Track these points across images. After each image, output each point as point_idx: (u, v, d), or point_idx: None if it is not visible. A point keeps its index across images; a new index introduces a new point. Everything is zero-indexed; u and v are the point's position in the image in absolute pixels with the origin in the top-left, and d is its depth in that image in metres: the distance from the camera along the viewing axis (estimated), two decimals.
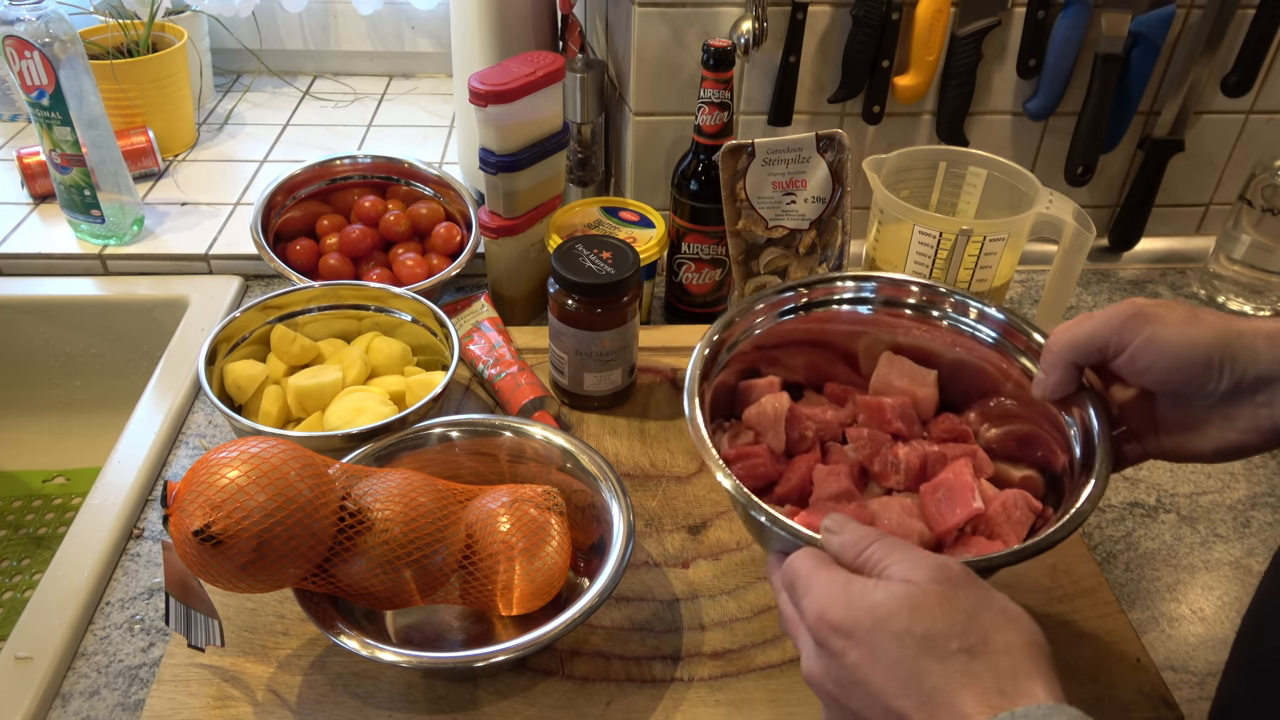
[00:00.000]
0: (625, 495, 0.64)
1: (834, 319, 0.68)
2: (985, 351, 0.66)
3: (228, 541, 0.52)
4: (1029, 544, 0.52)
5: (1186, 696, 0.63)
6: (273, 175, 0.97)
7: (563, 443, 0.68)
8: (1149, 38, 0.92)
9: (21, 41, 0.88)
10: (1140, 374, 0.53)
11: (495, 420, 0.70)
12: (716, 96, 0.83)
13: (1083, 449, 0.58)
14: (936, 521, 0.60)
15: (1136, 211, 1.05)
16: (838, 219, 0.80)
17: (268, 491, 0.53)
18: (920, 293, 0.67)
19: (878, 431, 0.65)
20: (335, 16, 1.35)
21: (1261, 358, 0.49)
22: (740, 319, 0.66)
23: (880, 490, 0.64)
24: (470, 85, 0.81)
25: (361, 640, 0.56)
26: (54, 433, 1.03)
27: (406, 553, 0.57)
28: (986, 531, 0.59)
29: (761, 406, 0.65)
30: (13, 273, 1.00)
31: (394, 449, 0.67)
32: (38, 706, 0.60)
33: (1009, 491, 0.60)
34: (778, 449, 0.65)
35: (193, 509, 0.52)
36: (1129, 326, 0.52)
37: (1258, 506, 0.78)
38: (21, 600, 0.88)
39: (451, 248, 0.96)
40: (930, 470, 0.63)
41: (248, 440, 0.56)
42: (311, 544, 0.55)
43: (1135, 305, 0.52)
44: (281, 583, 0.56)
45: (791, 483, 0.63)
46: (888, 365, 0.69)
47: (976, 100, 0.97)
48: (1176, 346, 0.50)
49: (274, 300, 0.80)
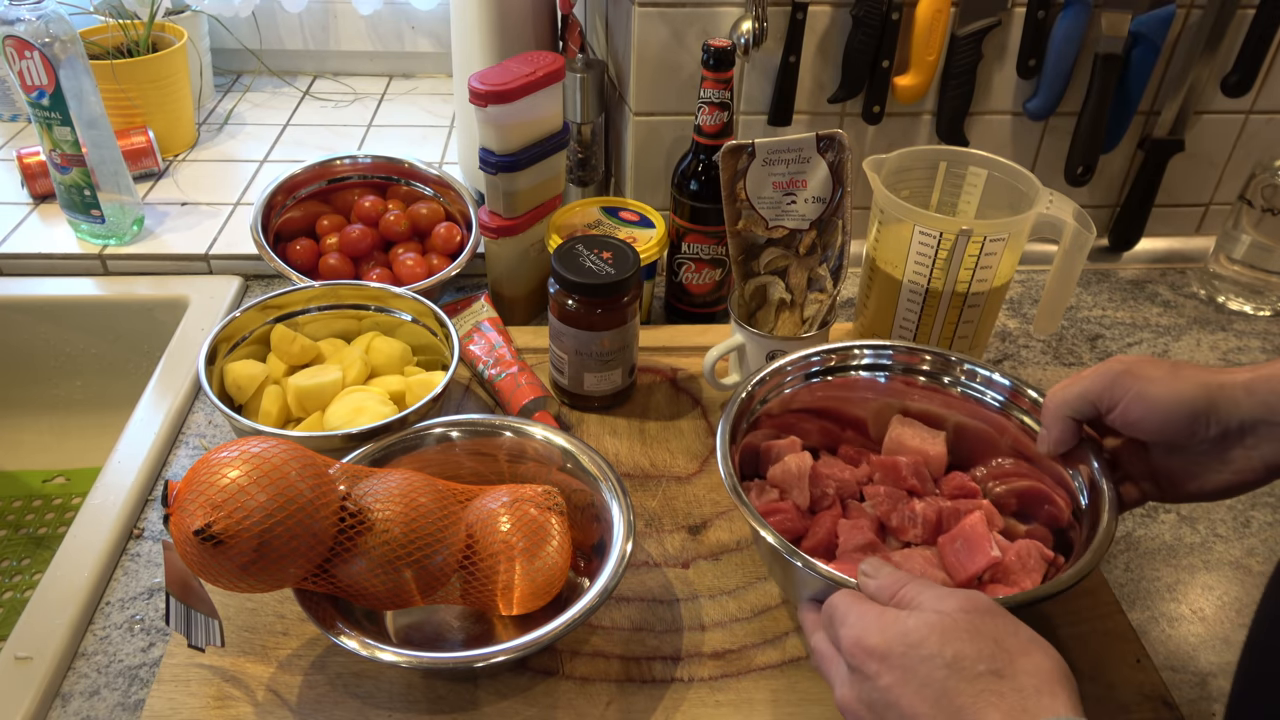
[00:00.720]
0: (625, 495, 0.64)
1: (847, 387, 0.72)
2: (988, 414, 0.69)
3: (228, 541, 0.52)
4: (1060, 579, 0.55)
5: (1186, 696, 0.63)
6: (273, 175, 0.97)
7: (563, 443, 0.68)
8: (1149, 38, 0.92)
9: (21, 41, 0.88)
10: (1132, 427, 0.57)
11: (495, 420, 0.70)
12: (716, 96, 0.83)
13: (1089, 495, 0.61)
14: (957, 571, 0.62)
15: (1136, 211, 1.05)
16: (838, 219, 0.79)
17: (268, 491, 0.53)
18: (931, 360, 0.71)
19: (894, 488, 0.68)
20: (335, 16, 1.35)
21: (1243, 406, 0.53)
22: (757, 389, 0.69)
23: (898, 544, 0.67)
24: (470, 85, 0.81)
25: (361, 640, 0.56)
26: (54, 433, 1.03)
27: (407, 553, 0.57)
28: (1004, 580, 0.62)
29: (786, 465, 0.69)
30: (13, 273, 1.00)
31: (394, 449, 0.67)
32: (38, 706, 0.60)
33: (1022, 541, 0.63)
34: (803, 505, 0.68)
35: (193, 509, 0.52)
36: (1119, 384, 0.56)
37: (1258, 506, 0.78)
38: (21, 600, 0.88)
39: (451, 248, 0.96)
40: (945, 524, 0.66)
41: (248, 440, 0.56)
42: (312, 544, 0.55)
43: (1123, 364, 0.57)
44: (282, 583, 0.56)
45: (819, 536, 0.66)
46: (899, 427, 0.72)
47: (976, 100, 0.97)
48: (1165, 402, 0.54)
49: (274, 300, 0.80)
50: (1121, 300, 1.03)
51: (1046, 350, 0.95)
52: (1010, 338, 0.97)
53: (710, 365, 0.81)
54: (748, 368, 0.82)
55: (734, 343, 0.82)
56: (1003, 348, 0.95)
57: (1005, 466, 0.69)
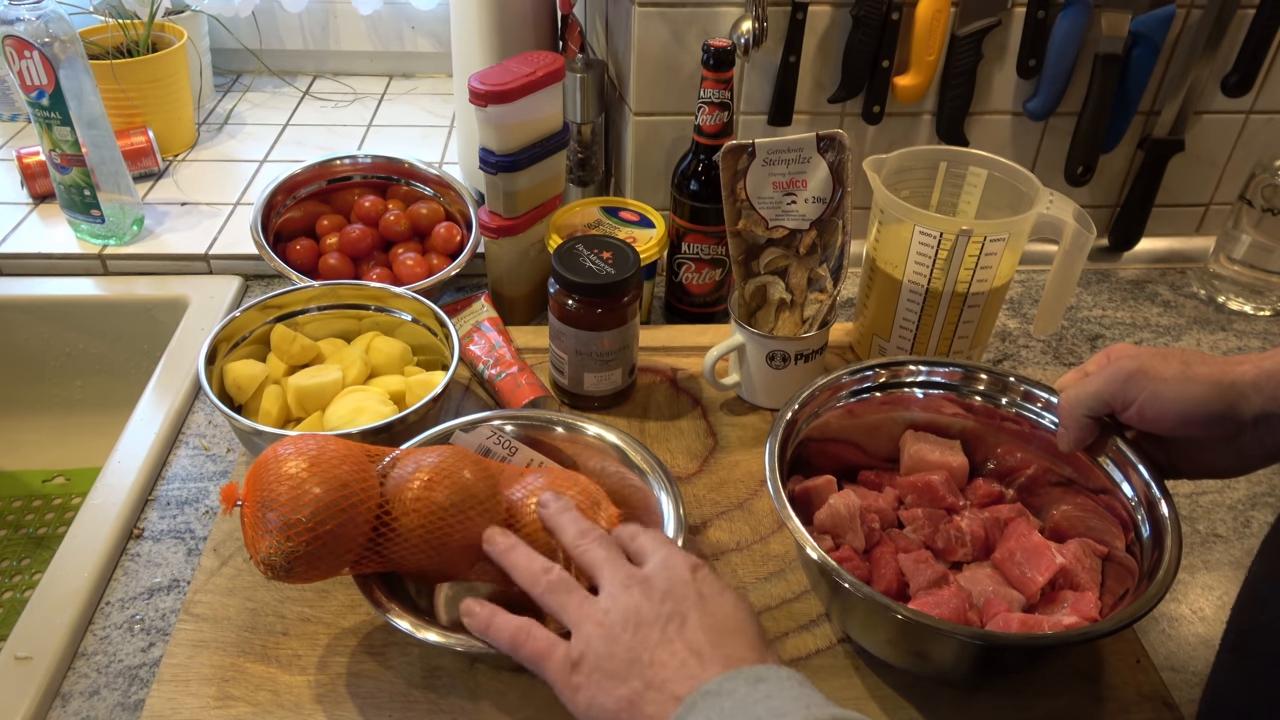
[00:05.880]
0: (675, 490, 0.65)
1: (852, 411, 0.71)
2: (997, 414, 0.69)
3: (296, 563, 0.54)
4: (1149, 595, 0.55)
5: (1186, 696, 0.63)
6: (273, 175, 0.97)
7: (614, 439, 0.69)
8: (1149, 38, 0.92)
9: (21, 41, 0.88)
10: (1149, 424, 0.58)
11: (551, 415, 0.71)
12: (716, 96, 0.83)
13: (1148, 511, 0.61)
14: (1025, 585, 0.62)
15: (1136, 211, 1.05)
16: (838, 219, 0.79)
17: (323, 485, 0.55)
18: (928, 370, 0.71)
19: (931, 509, 0.68)
20: (335, 16, 1.35)
21: (1254, 402, 0.54)
22: (799, 413, 0.67)
23: (945, 564, 0.66)
24: (470, 85, 0.81)
25: (414, 620, 0.56)
26: (54, 433, 1.03)
27: (445, 521, 0.57)
28: (1070, 583, 0.62)
29: (833, 508, 0.66)
30: (13, 273, 1.00)
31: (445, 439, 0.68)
32: (38, 706, 0.60)
33: (1072, 542, 0.63)
34: (859, 548, 0.66)
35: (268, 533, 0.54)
36: (1133, 384, 0.58)
37: (1258, 506, 0.78)
38: (21, 600, 0.88)
39: (451, 248, 0.96)
40: (990, 536, 0.66)
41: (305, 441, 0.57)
42: (355, 536, 0.56)
43: (1134, 360, 0.58)
44: (335, 572, 0.57)
45: (887, 579, 0.64)
46: (915, 443, 0.71)
47: (976, 100, 0.97)
48: (1178, 403, 0.56)
49: (274, 300, 0.80)
50: (1121, 300, 1.03)
51: (1046, 350, 0.95)
52: (1010, 338, 0.97)
53: (710, 365, 0.81)
54: (748, 368, 0.82)
55: (734, 343, 0.82)
56: (1003, 348, 0.95)
57: (1010, 460, 0.69)
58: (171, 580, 0.69)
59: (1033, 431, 0.68)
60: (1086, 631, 0.54)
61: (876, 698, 0.62)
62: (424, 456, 0.59)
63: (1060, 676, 0.63)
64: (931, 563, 0.64)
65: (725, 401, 0.85)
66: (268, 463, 0.56)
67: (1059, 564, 0.61)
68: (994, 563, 0.65)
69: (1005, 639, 0.56)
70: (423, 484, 0.57)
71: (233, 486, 0.55)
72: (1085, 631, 0.55)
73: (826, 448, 0.70)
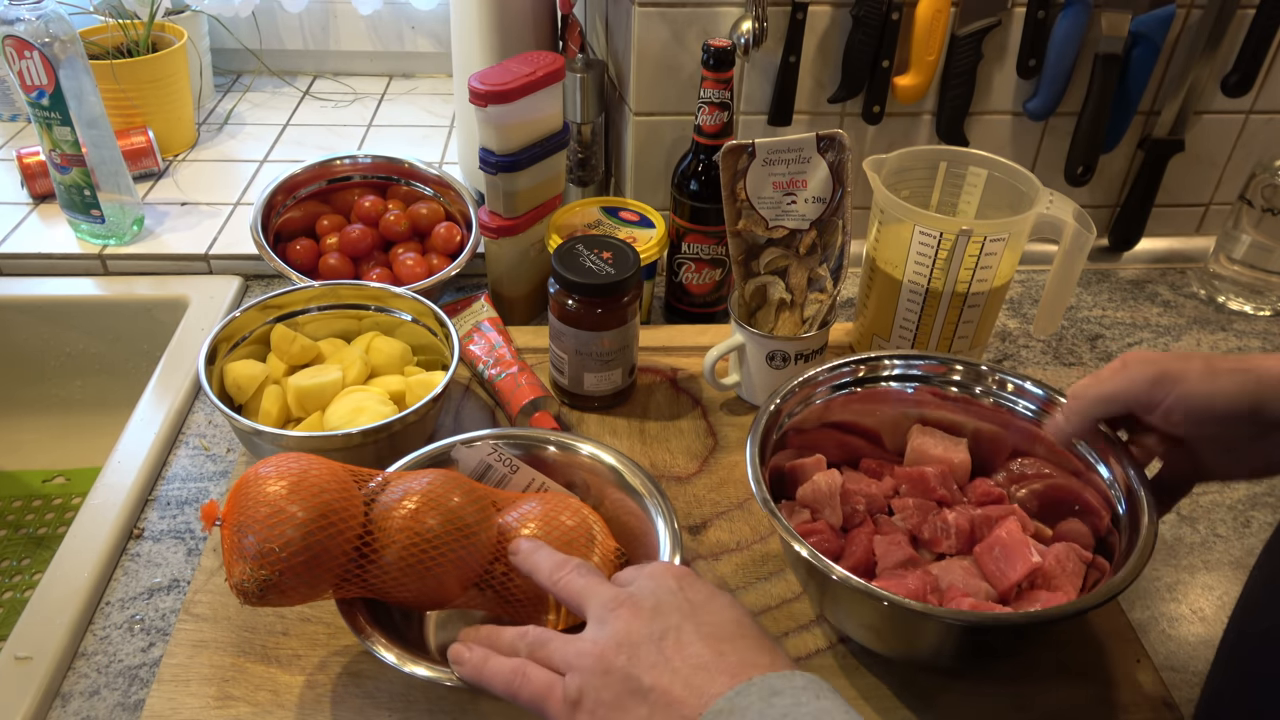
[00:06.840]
0: (669, 507, 0.64)
1: (864, 399, 0.72)
2: (1007, 416, 0.69)
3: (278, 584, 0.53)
4: (1111, 583, 0.55)
5: (1187, 697, 0.63)
6: (273, 175, 0.97)
7: (610, 459, 0.67)
8: (1149, 38, 0.92)
9: (21, 41, 0.88)
10: (1175, 427, 0.57)
11: (541, 434, 0.69)
12: (716, 96, 0.83)
13: (1126, 500, 0.61)
14: (998, 579, 0.62)
15: (1136, 211, 1.05)
16: (838, 219, 0.79)
17: (305, 508, 0.53)
18: (939, 367, 0.71)
19: (923, 500, 0.68)
20: (335, 16, 1.35)
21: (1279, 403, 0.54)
22: (784, 404, 0.68)
23: (930, 556, 0.66)
24: (470, 85, 0.81)
25: (400, 653, 0.55)
26: (54, 433, 1.03)
27: (434, 547, 0.56)
28: (1046, 585, 0.61)
29: (815, 484, 0.68)
30: (13, 273, 1.00)
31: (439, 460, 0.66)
32: (38, 706, 0.60)
33: (1059, 544, 0.63)
34: (836, 524, 0.68)
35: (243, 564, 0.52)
36: (1158, 387, 0.56)
37: (1258, 506, 0.78)
38: (21, 600, 0.88)
39: (451, 248, 0.96)
40: (978, 532, 0.66)
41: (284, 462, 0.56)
42: (339, 556, 0.54)
43: (1158, 366, 0.56)
44: (316, 595, 0.56)
45: (857, 555, 0.65)
46: (920, 436, 0.72)
47: (976, 100, 0.97)
48: (1206, 402, 0.55)
49: (274, 300, 0.80)
50: (1121, 300, 1.03)
51: (1046, 350, 0.95)
52: (1010, 338, 0.97)
53: (710, 365, 0.81)
54: (748, 368, 0.82)
55: (734, 343, 0.82)
56: (1003, 348, 0.95)
57: (1026, 468, 0.69)
58: (171, 580, 0.69)
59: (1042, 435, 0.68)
60: (1052, 612, 0.54)
61: (875, 698, 0.62)
62: (412, 481, 0.58)
63: (1060, 676, 0.63)
64: (904, 546, 0.64)
65: (725, 401, 0.85)
66: (249, 482, 0.54)
67: (1034, 562, 0.60)
68: (974, 555, 0.65)
69: (940, 613, 0.55)
70: (409, 512, 0.56)
71: (213, 505, 0.54)
72: (1054, 612, 0.54)
73: (833, 436, 0.72)
